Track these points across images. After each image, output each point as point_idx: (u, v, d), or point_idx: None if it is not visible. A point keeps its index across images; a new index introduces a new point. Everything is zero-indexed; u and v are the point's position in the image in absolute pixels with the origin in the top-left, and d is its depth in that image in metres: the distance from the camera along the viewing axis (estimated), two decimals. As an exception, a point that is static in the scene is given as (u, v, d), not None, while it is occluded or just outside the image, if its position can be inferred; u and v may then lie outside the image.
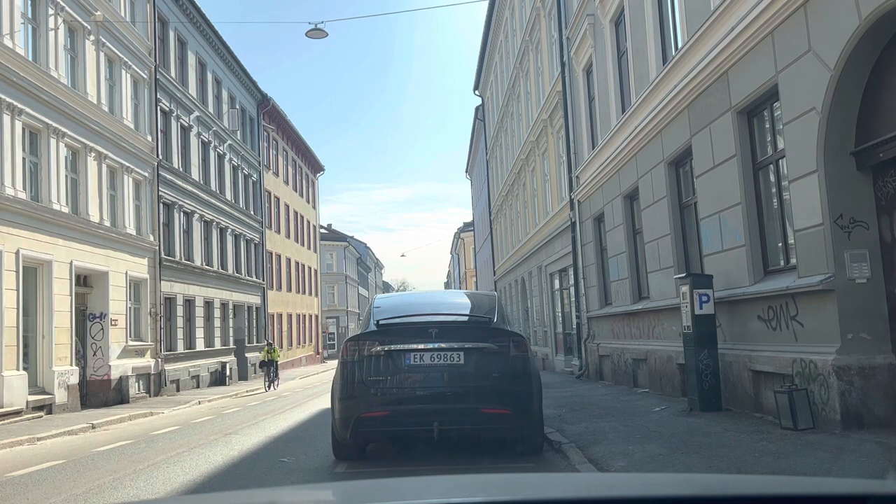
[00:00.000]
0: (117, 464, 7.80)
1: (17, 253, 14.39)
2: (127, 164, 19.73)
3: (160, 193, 22.05)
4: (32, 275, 15.35)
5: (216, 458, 7.75)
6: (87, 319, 18.09)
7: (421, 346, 6.04)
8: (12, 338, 14.09)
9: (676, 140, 10.17)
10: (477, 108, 37.67)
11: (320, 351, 50.55)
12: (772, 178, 7.96)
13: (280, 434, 9.77)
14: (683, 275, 8.97)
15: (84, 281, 17.99)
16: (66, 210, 16.41)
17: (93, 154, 17.87)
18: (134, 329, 20.14)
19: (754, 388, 8.01)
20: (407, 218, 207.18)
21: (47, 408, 15.10)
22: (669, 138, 10.45)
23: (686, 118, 9.75)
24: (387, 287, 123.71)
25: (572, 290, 17.33)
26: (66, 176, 16.84)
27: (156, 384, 20.89)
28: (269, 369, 24.55)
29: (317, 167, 50.51)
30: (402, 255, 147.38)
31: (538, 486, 1.63)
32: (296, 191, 44.23)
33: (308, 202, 48.27)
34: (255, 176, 34.07)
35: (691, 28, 9.29)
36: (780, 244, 7.88)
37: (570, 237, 17.10)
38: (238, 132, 31.26)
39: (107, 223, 18.47)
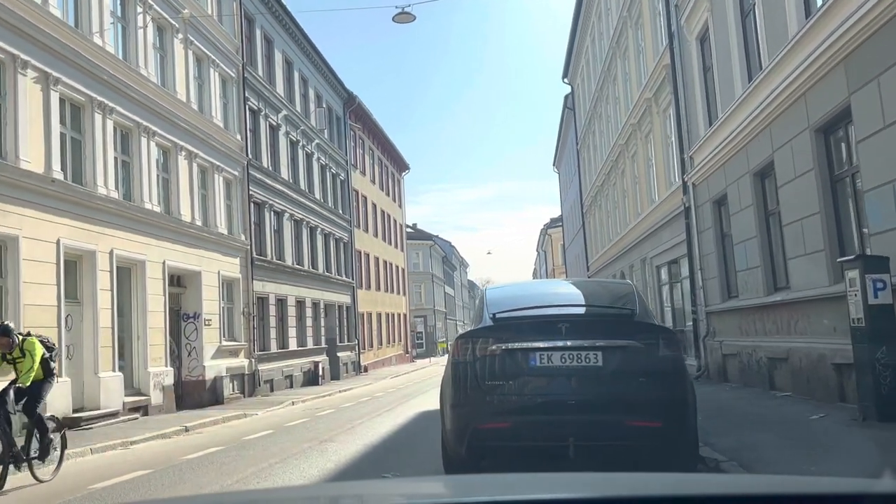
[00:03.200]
0: (204, 477, 7.13)
1: (110, 253, 14.25)
2: (217, 164, 19.58)
3: (250, 192, 21.88)
4: (126, 275, 15.23)
5: (311, 472, 6.95)
6: (181, 320, 17.97)
7: (549, 345, 4.98)
8: (108, 339, 13.94)
9: (826, 102, 8.68)
10: (566, 97, 36.19)
11: (409, 350, 50.20)
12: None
13: (378, 442, 8.94)
14: (852, 257, 7.51)
15: (177, 281, 17.87)
16: (158, 209, 16.26)
17: (183, 153, 17.73)
18: (227, 329, 19.97)
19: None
20: (490, 217, 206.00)
21: (143, 409, 14.93)
22: (817, 101, 8.96)
23: (841, 75, 8.26)
24: (472, 286, 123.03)
25: (685, 283, 15.82)
26: (158, 175, 16.72)
27: (250, 384, 20.69)
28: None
29: (402, 165, 50.18)
30: (489, 253, 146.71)
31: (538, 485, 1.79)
32: (382, 189, 43.97)
33: (394, 201, 47.98)
34: (342, 175, 33.86)
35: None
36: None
37: (682, 225, 15.60)
38: (325, 131, 31.06)
39: (198, 223, 18.31)
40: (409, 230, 57.98)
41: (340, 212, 32.96)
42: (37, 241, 12.05)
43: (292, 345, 24.93)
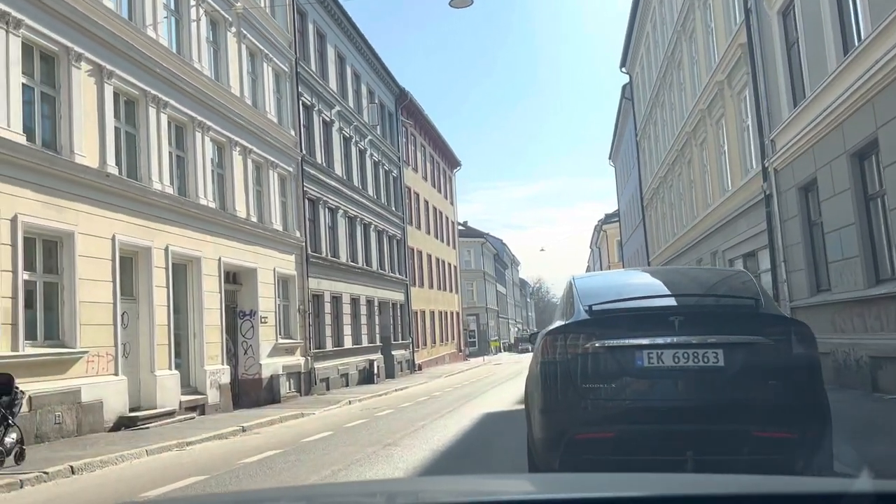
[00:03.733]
0: (263, 485, 6.61)
1: (166, 249, 14.01)
2: (272, 159, 19.29)
3: (305, 189, 21.57)
4: (182, 272, 15.00)
5: (377, 480, 6.37)
6: (237, 317, 17.72)
7: (658, 341, 4.25)
8: (164, 336, 13.70)
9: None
10: (624, 87, 35.00)
11: (462, 349, 49.59)
12: None
13: (446, 447, 8.32)
14: None
15: (233, 278, 17.63)
16: (213, 205, 16.01)
17: (238, 148, 17.47)
18: (283, 327, 19.68)
19: None
20: (540, 215, 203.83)
21: (200, 408, 14.66)
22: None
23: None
24: (524, 284, 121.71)
25: (765, 276, 14.75)
26: (213, 171, 16.48)
27: (306, 383, 20.37)
28: None
29: (453, 162, 49.61)
30: (542, 250, 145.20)
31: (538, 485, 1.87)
32: (434, 186, 43.48)
33: (446, 198, 47.45)
34: (395, 172, 33.46)
35: None
36: None
37: (761, 214, 14.54)
38: (377, 127, 30.68)
39: (253, 219, 18.04)
40: (460, 228, 57.37)
41: (393, 209, 32.56)
42: (92, 237, 11.84)
43: (347, 343, 24.59)
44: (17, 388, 8.36)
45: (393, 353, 29.65)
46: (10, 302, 9.93)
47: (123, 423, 12.01)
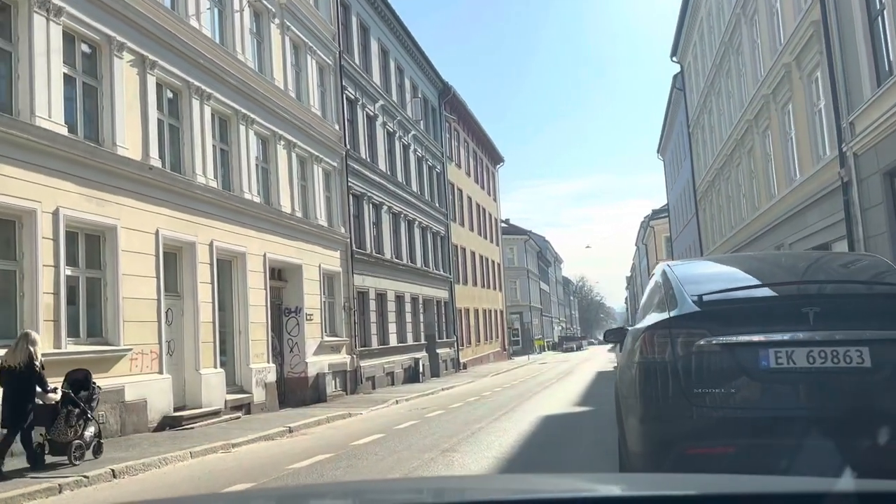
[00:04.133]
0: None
1: (210, 244, 13.66)
2: (316, 154, 18.89)
3: (349, 184, 21.14)
4: (226, 268, 14.66)
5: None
6: (282, 314, 17.36)
7: (789, 338, 3.54)
8: (209, 334, 13.35)
9: None
10: (675, 77, 33.81)
11: (506, 347, 48.84)
12: None
13: (511, 455, 7.66)
14: None
15: (278, 275, 17.26)
16: (257, 200, 15.64)
17: (282, 142, 17.09)
18: (329, 324, 19.28)
19: None
20: (580, 213, 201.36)
21: (245, 407, 14.29)
22: None
23: None
24: (566, 283, 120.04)
25: (841, 270, 13.69)
26: (257, 165, 16.12)
27: (351, 381, 19.95)
28: None
29: (496, 158, 48.90)
30: (588, 247, 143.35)
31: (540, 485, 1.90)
32: (477, 182, 42.83)
33: (489, 194, 46.77)
34: (438, 167, 32.91)
35: None
36: None
37: (836, 203, 13.51)
38: (421, 122, 30.17)
39: (298, 214, 17.65)
40: (503, 225, 56.61)
41: (437, 205, 32.03)
42: (135, 231, 11.51)
43: (392, 341, 24.13)
44: (94, 382, 8.69)
45: (438, 351, 29.11)
46: (52, 298, 9.62)
47: (168, 423, 11.66)
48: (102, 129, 11.12)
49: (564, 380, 21.69)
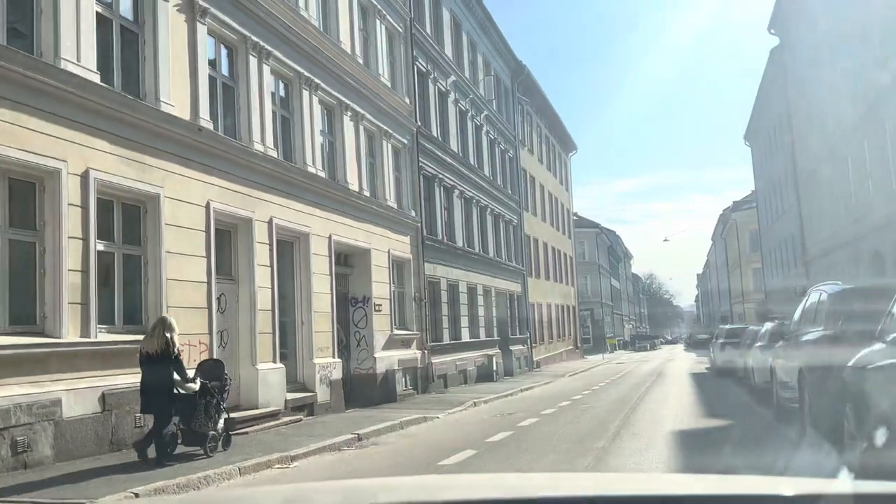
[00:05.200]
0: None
1: (269, 222, 12.00)
2: (385, 128, 17.12)
3: (420, 164, 19.31)
4: (287, 250, 12.99)
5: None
6: (348, 304, 15.65)
7: None
8: (267, 324, 11.69)
9: None
10: (772, 52, 30.72)
11: (579, 345, 46.30)
12: None
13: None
14: None
15: (344, 260, 15.57)
16: (322, 175, 13.93)
17: (349, 113, 15.36)
18: (398, 316, 17.50)
19: None
20: (646, 209, 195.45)
21: (308, 407, 12.60)
22: None
23: None
24: (636, 279, 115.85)
25: None
26: (322, 136, 14.43)
27: (423, 379, 18.13)
28: None
29: (569, 145, 46.42)
30: (665, 240, 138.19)
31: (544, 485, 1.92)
32: (549, 170, 40.52)
33: (561, 183, 44.37)
34: (511, 152, 30.82)
35: None
36: None
37: None
38: (493, 102, 28.13)
39: (366, 194, 15.89)
40: (574, 217, 54.02)
41: (510, 192, 29.94)
42: (183, 202, 9.90)
43: (465, 336, 22.21)
44: (226, 373, 8.72)
45: (511, 348, 27.05)
46: (79, 277, 8.04)
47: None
48: (144, 81, 9.52)
49: (659, 383, 19.34)
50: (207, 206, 10.45)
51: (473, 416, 12.89)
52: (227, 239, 11.31)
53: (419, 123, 19.40)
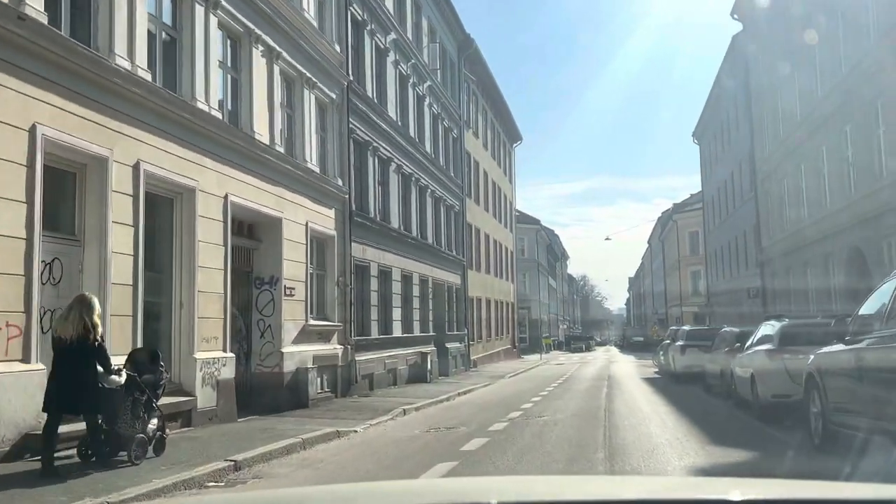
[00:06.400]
0: None
1: (135, 167, 8.89)
2: (308, 76, 14.12)
3: (350, 125, 16.36)
4: (164, 208, 9.90)
5: None
6: (251, 286, 12.63)
7: None
8: (125, 303, 8.58)
9: None
10: (734, 38, 28.96)
11: (516, 345, 44.05)
12: None
13: None
14: None
15: (248, 231, 12.53)
16: (217, 114, 10.85)
17: (261, 47, 12.31)
18: (316, 304, 14.55)
19: None
20: (577, 212, 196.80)
21: (183, 416, 9.55)
22: None
23: None
24: (571, 280, 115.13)
25: None
26: (222, 69, 11.36)
27: (344, 380, 15.22)
28: None
29: (514, 135, 44.08)
30: (607, 238, 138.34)
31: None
32: (494, 158, 38.06)
33: (505, 174, 42.03)
34: (455, 131, 28.12)
35: None
36: None
37: None
38: (437, 73, 25.37)
39: (279, 149, 12.87)
40: (515, 213, 51.80)
41: (452, 174, 27.23)
42: (-13, 118, 6.74)
43: (396, 330, 19.38)
44: (162, 364, 7.64)
45: (447, 345, 24.36)
46: None
47: (31, 448, 6.92)
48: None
49: (617, 390, 16.96)
50: (33, 132, 7.30)
51: (401, 431, 10.08)
52: (68, 183, 8.16)
53: (352, 78, 16.45)
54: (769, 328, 9.59)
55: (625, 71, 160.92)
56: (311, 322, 13.87)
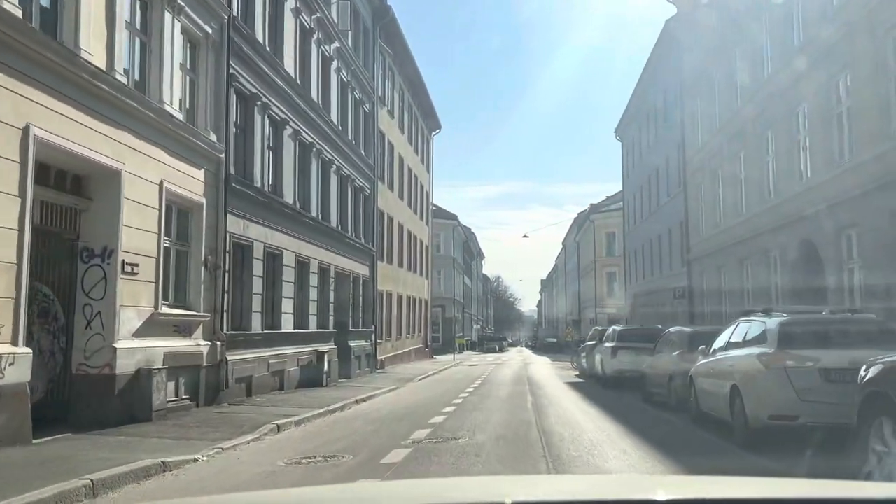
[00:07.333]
0: None
1: None
2: (172, -4, 10.98)
3: (231, 70, 13.27)
4: None
5: None
6: (77, 258, 9.42)
7: None
8: None
9: None
10: (667, 23, 27.37)
11: (428, 344, 41.53)
12: None
13: None
14: None
15: (71, 183, 9.32)
16: (17, 13, 7.62)
17: (96, -61, 9.12)
18: (172, 287, 11.39)
19: None
20: (491, 216, 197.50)
21: (-79, 444, 6.34)
22: None
23: None
24: (486, 280, 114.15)
25: None
26: (28, -47, 8.15)
27: (210, 385, 12.13)
28: None
29: (433, 122, 41.53)
30: (525, 236, 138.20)
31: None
32: (410, 144, 35.37)
33: (422, 162, 39.42)
34: (367, 105, 25.21)
35: None
36: None
37: None
38: (349, 36, 22.44)
39: (120, 79, 9.69)
40: (432, 207, 49.25)
41: (363, 153, 24.33)
42: None
43: (287, 325, 16.31)
44: None
45: (350, 344, 21.45)
46: None
47: None
48: None
49: (544, 399, 14.56)
50: None
51: (260, 461, 7.21)
52: None
53: (234, 13, 13.38)
54: (758, 326, 7.31)
55: (551, 76, 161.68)
56: (164, 310, 10.73)
